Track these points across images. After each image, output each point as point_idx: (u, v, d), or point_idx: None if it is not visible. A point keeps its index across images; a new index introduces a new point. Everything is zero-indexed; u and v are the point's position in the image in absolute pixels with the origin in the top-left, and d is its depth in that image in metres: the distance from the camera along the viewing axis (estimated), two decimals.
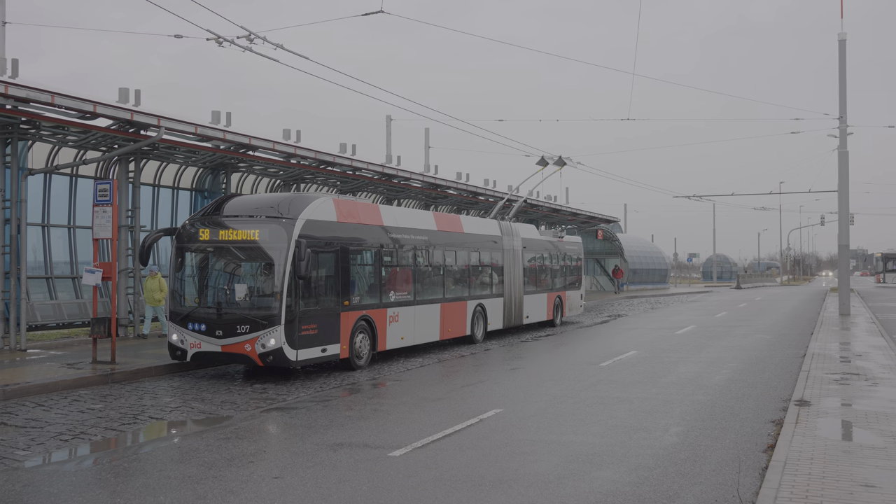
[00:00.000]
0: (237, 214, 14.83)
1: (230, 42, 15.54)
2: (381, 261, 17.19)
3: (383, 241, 17.28)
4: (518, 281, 24.09)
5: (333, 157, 24.56)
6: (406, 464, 8.67)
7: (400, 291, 17.87)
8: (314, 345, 14.62)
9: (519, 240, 24.54)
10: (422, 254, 19.08)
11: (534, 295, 25.55)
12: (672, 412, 11.58)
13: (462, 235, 21.22)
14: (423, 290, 18.86)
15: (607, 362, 17.22)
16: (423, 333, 18.85)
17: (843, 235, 30.35)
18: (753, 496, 7.26)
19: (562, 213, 48.24)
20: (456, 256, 20.76)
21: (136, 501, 7.38)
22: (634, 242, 68.90)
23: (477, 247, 21.90)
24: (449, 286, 20.25)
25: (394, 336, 17.39)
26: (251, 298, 14.47)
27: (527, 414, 11.53)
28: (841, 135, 30.26)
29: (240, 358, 14.22)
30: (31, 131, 18.11)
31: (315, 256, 14.56)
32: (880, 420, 10.16)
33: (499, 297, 22.90)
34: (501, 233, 23.57)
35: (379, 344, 16.77)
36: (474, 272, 21.82)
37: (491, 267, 22.70)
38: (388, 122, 39.79)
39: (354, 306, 15.89)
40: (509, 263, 23.57)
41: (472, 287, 21.53)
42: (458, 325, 20.59)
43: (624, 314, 33.94)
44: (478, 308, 21.56)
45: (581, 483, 7.93)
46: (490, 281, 22.59)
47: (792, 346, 20.24)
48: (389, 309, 17.23)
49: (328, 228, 15.26)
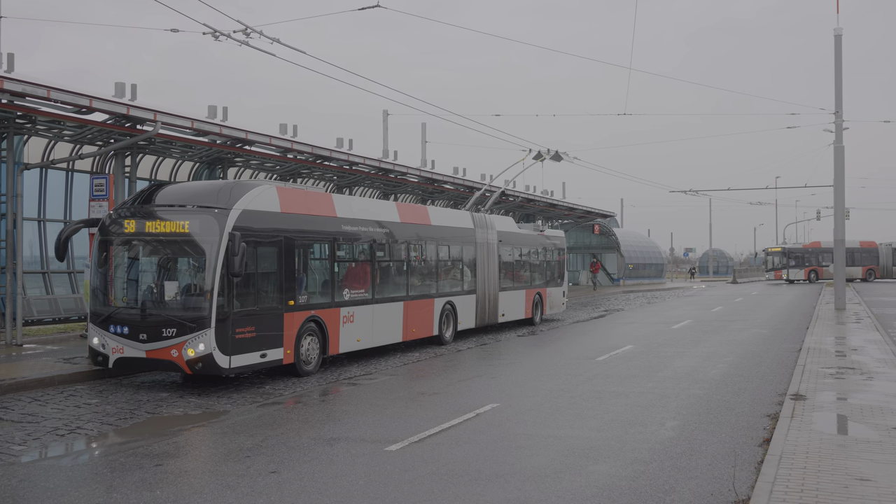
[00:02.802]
0: (167, 204, 13.33)
1: (227, 36, 15.50)
2: (334, 255, 15.67)
3: (336, 234, 15.72)
4: (493, 277, 22.77)
5: (330, 152, 24.55)
6: (403, 458, 8.69)
7: (356, 289, 16.40)
8: (251, 349, 13.18)
9: (494, 233, 23.15)
10: (382, 248, 17.63)
11: (510, 292, 24.15)
12: (668, 406, 11.61)
13: (429, 228, 19.72)
14: (383, 288, 17.44)
15: (604, 357, 17.25)
16: (383, 335, 17.36)
17: (839, 230, 30.39)
18: (749, 490, 7.29)
19: (558, 207, 48.26)
20: (422, 250, 19.34)
21: (132, 496, 7.39)
22: (631, 237, 68.98)
23: (446, 240, 20.47)
24: (414, 283, 18.84)
25: (348, 338, 15.90)
26: (179, 298, 12.97)
27: (523, 408, 11.55)
28: (837, 129, 30.28)
29: (166, 365, 12.83)
30: (27, 126, 18.08)
31: (253, 251, 13.22)
32: (875, 414, 10.19)
33: (471, 295, 21.55)
34: (474, 225, 22.11)
35: (331, 347, 15.32)
36: (443, 267, 20.34)
37: (462, 262, 21.35)
38: (384, 116, 39.77)
39: (301, 306, 14.42)
40: (483, 258, 22.24)
41: (441, 283, 20.04)
42: (425, 324, 19.15)
43: (620, 309, 33.99)
44: (447, 306, 20.14)
45: (577, 477, 7.95)
46: (461, 277, 21.23)
47: (788, 341, 20.29)
48: (343, 308, 15.74)
49: (270, 219, 13.81)
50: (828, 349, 17.19)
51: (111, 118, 17.84)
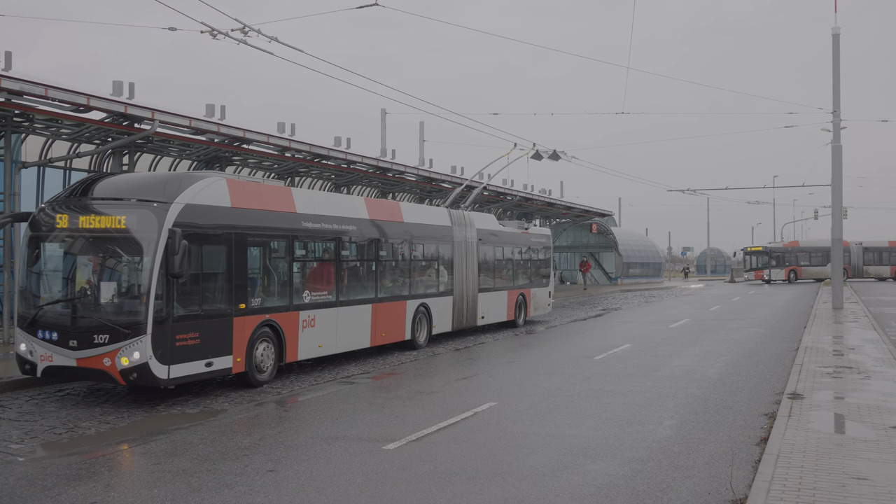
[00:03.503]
0: (104, 197, 12.10)
1: (225, 35, 15.49)
2: (293, 254, 14.52)
3: (296, 231, 14.55)
4: (471, 277, 21.61)
5: (328, 151, 24.55)
6: (400, 457, 8.69)
7: (318, 291, 15.17)
8: (195, 358, 11.98)
9: (473, 230, 21.93)
10: (348, 246, 16.51)
11: (491, 293, 22.93)
12: (666, 405, 11.62)
13: (401, 225, 18.47)
14: (349, 289, 16.23)
15: (601, 356, 17.26)
16: (349, 339, 16.12)
17: (837, 229, 30.42)
18: (746, 489, 7.30)
19: (556, 206, 48.28)
20: (393, 249, 18.16)
21: (130, 494, 7.39)
22: (629, 236, 68.97)
23: (420, 238, 19.28)
24: (384, 284, 17.67)
25: (309, 344, 14.76)
26: (113, 301, 11.68)
27: (521, 407, 11.55)
28: (834, 129, 30.31)
29: (98, 375, 11.59)
30: (24, 124, 18.06)
31: (198, 249, 12.13)
32: (872, 413, 10.21)
33: (447, 296, 20.35)
34: (452, 222, 20.93)
35: (288, 354, 14.14)
36: (417, 267, 19.23)
37: (438, 261, 20.19)
38: (382, 115, 39.77)
39: (254, 309, 13.28)
40: (461, 257, 21.09)
41: (414, 284, 18.89)
42: (395, 328, 17.92)
43: (617, 308, 34.01)
44: (420, 308, 18.97)
45: (575, 476, 7.96)
46: (436, 277, 20.07)
47: (785, 340, 20.31)
48: (303, 312, 14.57)
49: (218, 215, 12.64)
50: (825, 348, 17.21)
51: (109, 117, 17.82)
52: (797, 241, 67.66)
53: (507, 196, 40.05)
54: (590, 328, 24.76)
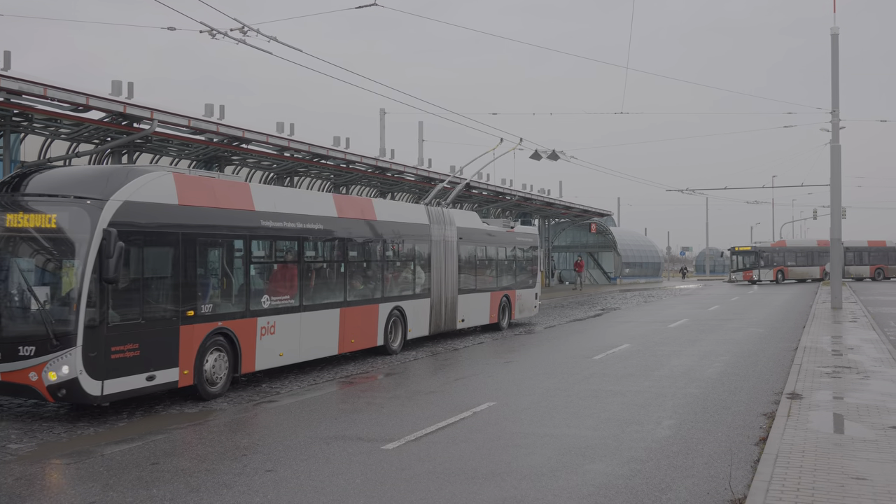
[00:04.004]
0: (36, 193, 10.98)
1: (224, 34, 15.48)
2: (250, 256, 13.41)
3: (254, 231, 13.41)
4: (451, 278, 20.47)
5: (327, 151, 24.57)
6: (399, 457, 8.69)
7: (279, 295, 14.02)
8: (134, 371, 10.85)
9: (453, 229, 20.78)
10: (314, 246, 15.41)
11: (472, 294, 21.82)
12: (665, 405, 11.62)
13: (374, 223, 17.28)
14: (314, 293, 15.03)
15: (600, 355, 17.26)
16: (314, 347, 14.97)
17: (836, 229, 30.44)
18: (745, 489, 7.30)
19: (555, 206, 48.33)
20: (364, 249, 16.99)
21: (129, 494, 7.39)
22: (628, 236, 68.99)
23: (395, 237, 18.13)
24: (354, 286, 16.43)
25: (268, 353, 13.59)
26: (41, 309, 10.45)
27: (520, 407, 11.56)
28: (833, 129, 30.32)
29: (24, 390, 10.43)
30: (23, 124, 18.06)
31: (139, 251, 11.00)
32: (871, 413, 10.22)
33: (424, 298, 19.21)
34: (430, 220, 19.74)
35: (244, 364, 12.99)
36: (391, 268, 18.05)
37: (414, 261, 19.05)
38: (381, 115, 39.77)
39: (204, 317, 12.12)
40: (439, 257, 19.92)
41: (388, 286, 17.73)
42: (366, 333, 16.74)
43: (616, 307, 34.03)
44: (395, 312, 17.78)
45: (574, 476, 7.96)
46: (412, 278, 18.91)
47: (784, 340, 20.31)
48: (262, 318, 13.44)
49: (163, 213, 11.50)
50: (824, 348, 17.22)
51: (108, 116, 17.83)
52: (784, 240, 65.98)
53: (505, 196, 40.07)
54: (589, 328, 24.77)
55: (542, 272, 53.54)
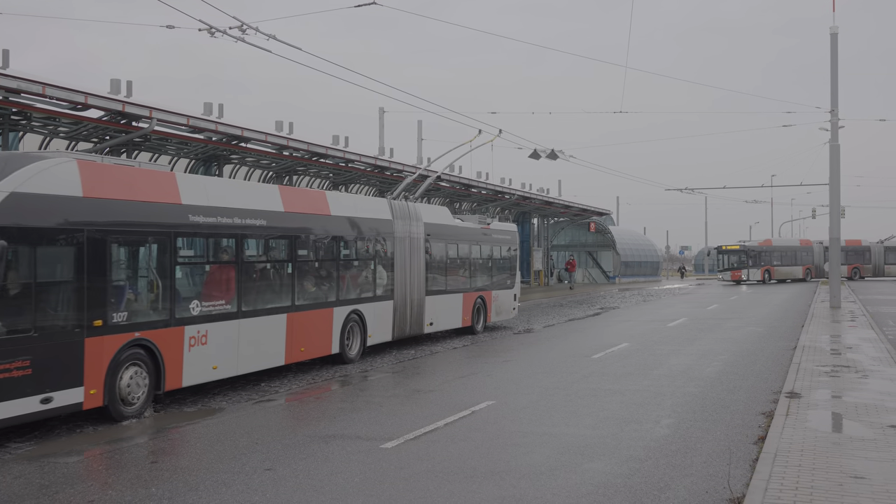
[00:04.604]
0: None
1: (223, 32, 15.47)
2: (176, 256, 11.85)
3: (180, 228, 11.87)
4: (417, 278, 18.99)
5: (326, 150, 24.57)
6: (398, 456, 8.69)
7: (212, 300, 12.50)
8: (24, 393, 9.29)
9: (420, 225, 19.27)
10: (255, 245, 14.01)
11: (442, 296, 20.32)
12: (663, 404, 11.63)
13: (327, 219, 15.73)
14: (255, 297, 13.52)
15: (599, 354, 17.26)
16: (256, 357, 13.44)
17: (835, 228, 30.45)
18: (744, 487, 7.30)
19: (554, 205, 48.35)
20: (316, 247, 15.51)
21: (128, 493, 7.39)
22: (626, 235, 69.05)
23: (353, 234, 16.65)
24: (304, 289, 14.91)
25: (199, 366, 12.04)
26: None
27: (519, 406, 11.56)
28: (832, 128, 30.33)
29: None
30: (22, 122, 18.05)
31: (30, 252, 9.51)
32: (870, 412, 10.22)
33: (386, 301, 17.69)
34: (393, 216, 18.21)
35: (168, 380, 11.43)
36: (347, 268, 16.55)
37: (375, 261, 17.52)
38: (380, 114, 39.77)
39: (117, 327, 10.57)
40: (404, 255, 18.42)
41: (344, 288, 16.19)
42: (319, 340, 15.19)
43: (615, 307, 34.04)
44: (352, 316, 16.23)
45: (572, 475, 7.97)
46: (373, 279, 17.37)
47: (783, 339, 20.32)
48: (191, 327, 11.89)
49: (64, 207, 10.00)
50: (823, 347, 17.24)
51: (107, 115, 17.82)
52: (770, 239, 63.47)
53: (504, 194, 40.10)
54: (588, 327, 24.77)
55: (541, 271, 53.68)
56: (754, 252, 60.47)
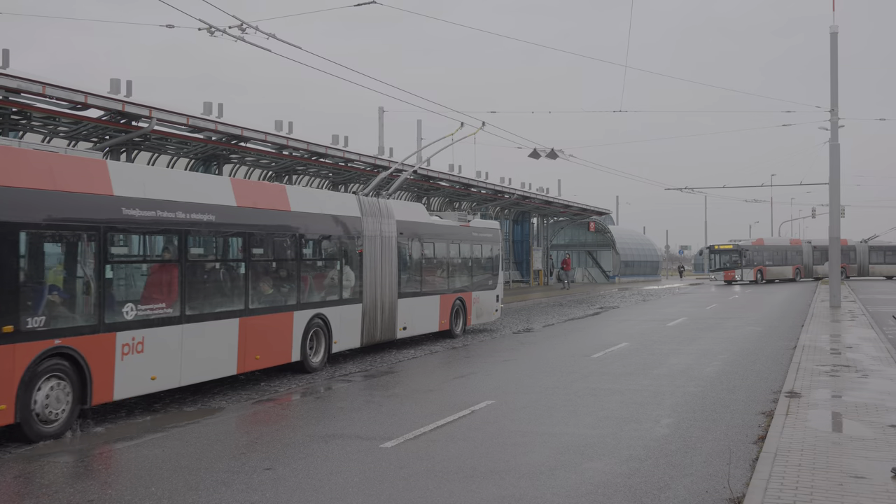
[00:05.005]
0: None
1: (222, 32, 15.47)
2: (106, 255, 10.54)
3: (112, 223, 10.64)
4: (389, 279, 17.66)
5: (326, 149, 24.58)
6: (398, 455, 8.69)
7: (150, 303, 11.19)
8: None
9: (392, 223, 17.95)
10: (202, 242, 12.80)
11: (417, 298, 19.05)
12: (663, 404, 11.62)
13: (287, 215, 14.43)
14: (202, 300, 12.23)
15: (599, 354, 17.26)
16: (202, 366, 12.13)
17: (835, 228, 30.45)
18: (744, 487, 7.30)
19: (554, 205, 48.37)
20: (274, 246, 14.34)
21: (128, 492, 7.38)
22: (626, 234, 69.09)
23: (316, 232, 15.50)
24: (260, 291, 13.62)
25: (133, 376, 10.73)
26: None
27: (518, 405, 11.55)
28: (832, 127, 30.32)
29: None
30: (21, 122, 18.05)
31: None
32: (870, 412, 10.22)
33: (354, 304, 16.34)
34: (362, 212, 16.84)
35: (96, 392, 10.21)
36: (310, 269, 15.34)
37: (341, 261, 16.23)
38: (380, 113, 39.76)
39: (32, 333, 9.38)
40: (373, 255, 17.06)
41: (306, 291, 14.90)
42: (277, 347, 13.92)
43: (615, 306, 34.04)
44: (315, 321, 14.97)
45: (572, 474, 7.96)
46: (339, 281, 16.04)
47: (782, 338, 20.32)
48: (123, 333, 10.60)
49: None
50: (823, 347, 17.23)
51: (106, 114, 17.82)
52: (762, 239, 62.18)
53: (504, 194, 40.11)
54: (587, 326, 24.77)
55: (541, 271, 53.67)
56: (748, 251, 59.00)
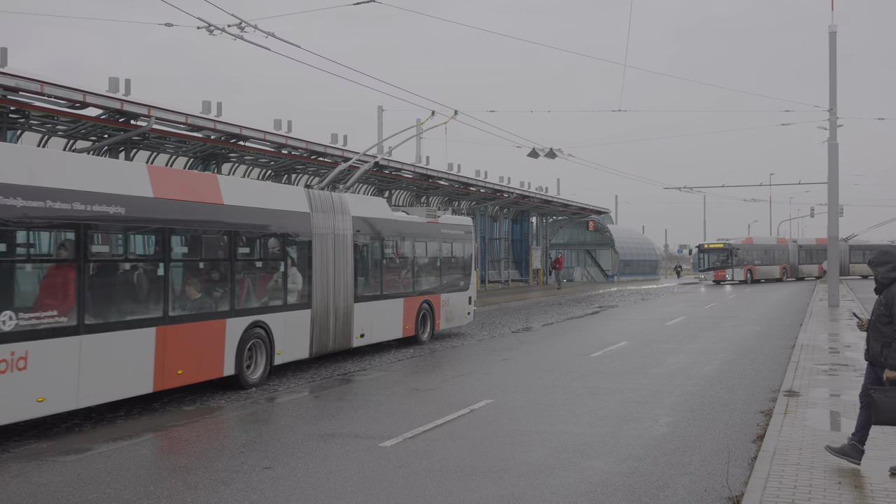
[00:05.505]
0: None
1: (221, 30, 15.45)
2: None
3: None
4: (343, 281, 15.92)
5: (325, 148, 24.56)
6: (397, 454, 8.69)
7: (35, 311, 9.51)
8: None
9: (347, 219, 16.24)
10: (106, 239, 10.95)
11: (377, 302, 17.35)
12: (662, 403, 11.63)
13: (218, 209, 12.63)
14: (106, 306, 10.51)
15: (598, 353, 17.27)
16: (107, 384, 10.37)
17: (833, 227, 30.48)
18: (743, 486, 7.30)
19: (553, 204, 48.36)
20: (201, 244, 12.55)
21: (126, 492, 7.38)
22: (625, 234, 69.10)
23: (255, 229, 13.69)
24: (183, 295, 12.01)
25: (11, 398, 9.02)
26: None
27: (518, 404, 11.55)
28: (831, 127, 30.34)
29: None
30: (20, 121, 18.02)
31: None
32: None
33: (301, 310, 14.61)
34: (312, 208, 15.13)
35: None
36: (246, 270, 13.54)
37: (286, 261, 14.48)
38: (379, 112, 39.75)
39: None
40: (325, 255, 15.34)
41: (242, 295, 13.14)
42: (205, 360, 12.19)
43: (614, 305, 34.05)
44: (255, 330, 13.24)
45: (571, 473, 7.96)
46: (283, 284, 14.30)
47: (781, 337, 20.33)
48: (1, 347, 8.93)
49: None
50: (821, 346, 17.25)
51: (105, 113, 17.81)
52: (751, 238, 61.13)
53: (503, 193, 40.09)
54: (586, 325, 24.78)
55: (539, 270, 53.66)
56: (738, 251, 57.66)
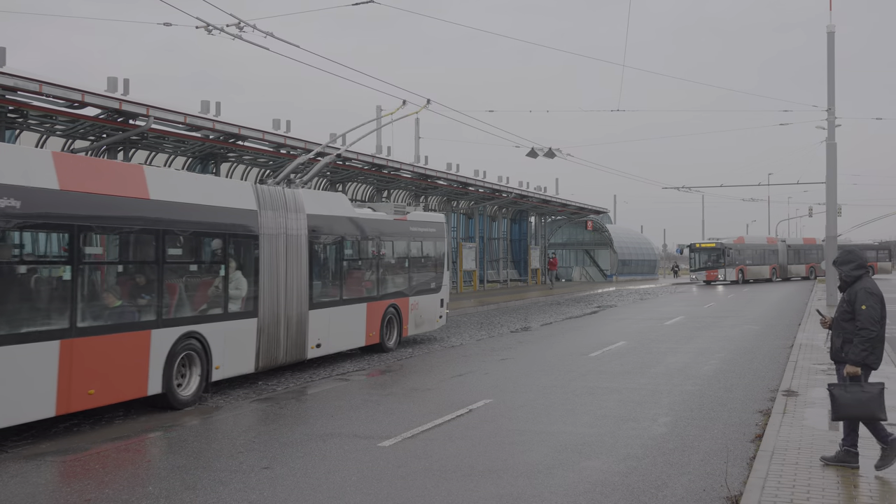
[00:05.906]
0: None
1: (220, 30, 15.44)
2: None
3: None
4: (297, 286, 14.35)
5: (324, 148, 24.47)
6: (396, 454, 8.69)
7: None
8: None
9: (302, 217, 14.68)
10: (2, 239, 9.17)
11: (335, 308, 15.75)
12: (661, 402, 11.63)
13: (143, 205, 11.00)
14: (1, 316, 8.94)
15: (596, 352, 17.27)
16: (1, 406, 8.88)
17: (831, 227, 30.48)
18: (741, 485, 7.31)
19: (552, 203, 48.35)
20: (120, 244, 11.08)
21: (125, 491, 7.38)
22: (624, 233, 69.05)
23: (189, 227, 11.98)
24: (99, 303, 10.53)
25: None
26: None
27: (516, 404, 11.56)
28: (829, 126, 30.34)
29: None
30: (18, 120, 17.99)
31: None
32: None
33: (246, 318, 13.04)
34: (260, 205, 13.51)
35: None
36: (178, 274, 12.00)
37: (228, 264, 12.80)
38: (377, 112, 39.72)
39: None
40: (274, 257, 13.78)
41: (172, 303, 11.60)
42: (124, 377, 10.62)
43: (612, 305, 34.06)
44: (188, 342, 11.68)
45: (570, 473, 7.97)
46: (223, 290, 12.66)
47: (779, 337, 20.34)
48: None
49: None
50: (819, 345, 17.24)
51: (103, 113, 17.77)
52: (742, 237, 60.08)
53: (501, 192, 40.09)
54: (585, 325, 24.78)
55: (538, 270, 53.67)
56: (730, 250, 56.44)
